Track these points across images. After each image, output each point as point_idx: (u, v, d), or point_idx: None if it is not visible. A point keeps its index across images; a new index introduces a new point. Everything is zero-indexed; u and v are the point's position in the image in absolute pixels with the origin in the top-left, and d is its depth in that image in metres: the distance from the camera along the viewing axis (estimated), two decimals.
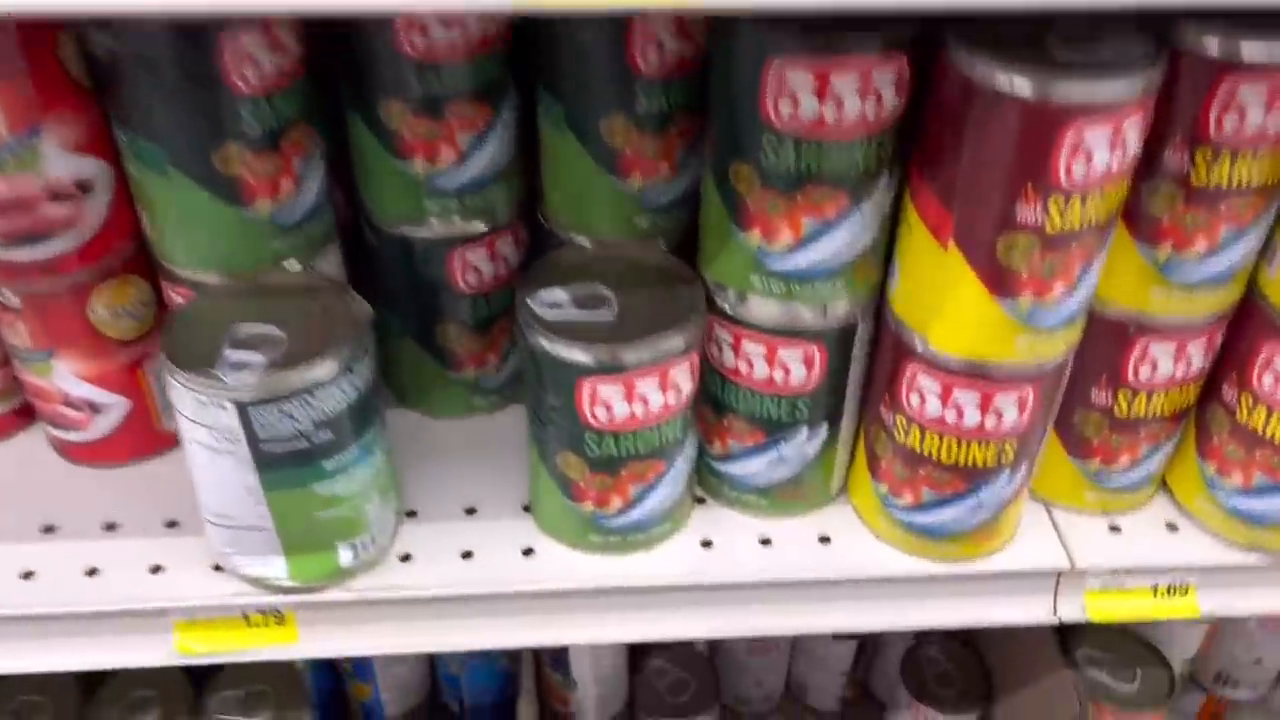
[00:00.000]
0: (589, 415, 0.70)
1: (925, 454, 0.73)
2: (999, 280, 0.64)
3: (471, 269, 0.81)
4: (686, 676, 1.16)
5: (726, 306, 0.72)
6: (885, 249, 0.70)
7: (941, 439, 0.72)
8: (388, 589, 0.77)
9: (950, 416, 0.71)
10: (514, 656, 1.06)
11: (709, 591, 0.79)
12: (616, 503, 0.76)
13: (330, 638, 0.79)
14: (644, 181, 0.75)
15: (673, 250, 0.78)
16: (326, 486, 0.71)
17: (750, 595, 0.80)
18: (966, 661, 1.16)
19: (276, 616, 0.78)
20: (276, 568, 0.75)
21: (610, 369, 0.68)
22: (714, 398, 0.77)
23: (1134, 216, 0.68)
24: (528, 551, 0.80)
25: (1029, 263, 0.63)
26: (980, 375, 0.68)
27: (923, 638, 1.18)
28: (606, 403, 0.70)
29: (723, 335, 0.74)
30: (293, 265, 0.75)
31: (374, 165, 0.77)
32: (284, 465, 0.69)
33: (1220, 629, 1.10)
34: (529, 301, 0.71)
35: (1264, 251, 0.71)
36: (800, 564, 0.79)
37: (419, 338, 0.86)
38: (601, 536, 0.78)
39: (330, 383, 0.67)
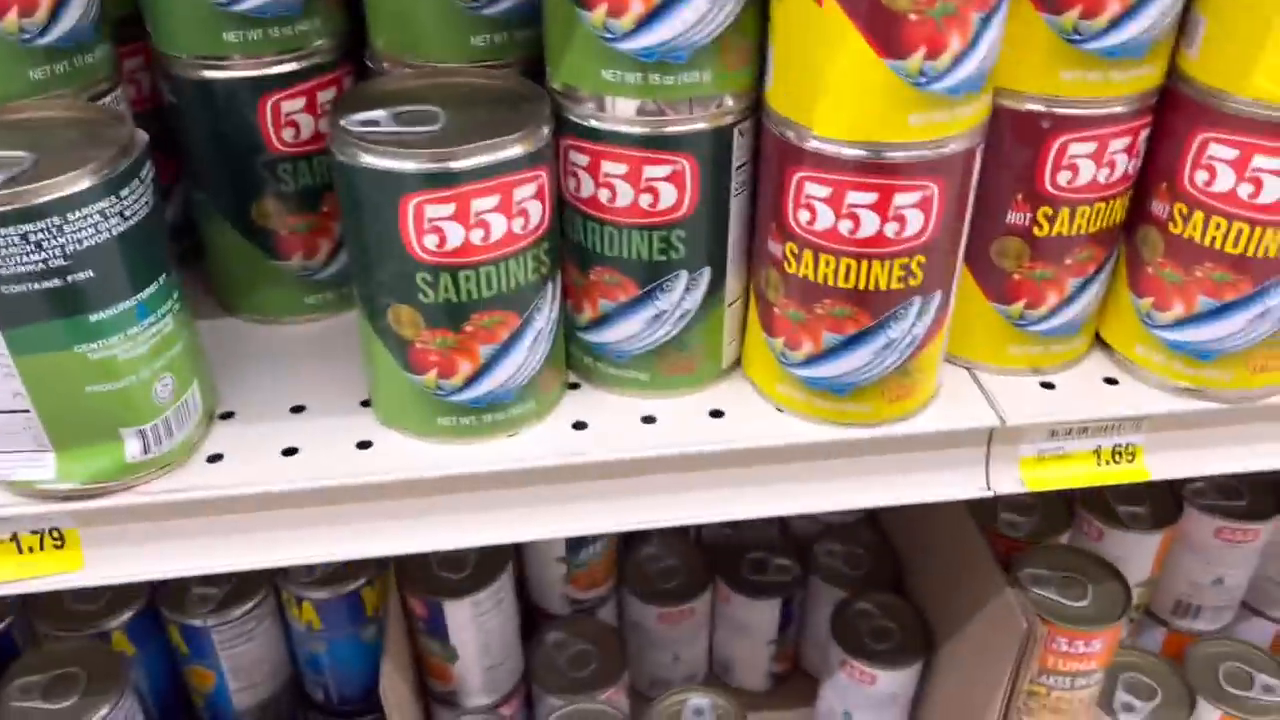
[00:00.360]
0: (417, 245, 0.58)
1: (820, 282, 0.62)
2: (884, 32, 0.54)
3: (287, 122, 0.70)
4: (590, 648, 1.02)
5: (579, 118, 0.61)
6: (757, 40, 0.60)
7: (838, 261, 0.61)
8: (189, 489, 0.63)
9: (845, 227, 0.60)
10: (384, 628, 0.91)
11: (584, 483, 0.67)
12: (464, 368, 0.63)
13: (123, 559, 0.64)
14: None
15: None
16: (96, 349, 0.58)
17: (632, 483, 0.67)
18: (902, 613, 1.04)
19: (53, 536, 0.64)
20: (44, 467, 0.61)
21: (438, 180, 0.57)
22: (577, 247, 0.66)
23: None
24: (364, 445, 0.67)
25: (917, 3, 0.53)
26: (874, 168, 0.58)
27: (853, 593, 1.05)
28: (437, 227, 0.58)
29: (578, 158, 0.63)
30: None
31: None
32: (34, 315, 0.55)
33: (1174, 544, 1.00)
34: (340, 122, 0.59)
35: (1181, 30, 0.63)
36: (690, 439, 0.67)
37: (233, 217, 0.73)
38: (451, 418, 0.65)
39: (85, 203, 0.54)
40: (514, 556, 0.97)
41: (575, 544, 1.00)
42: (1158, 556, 0.98)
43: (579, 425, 0.68)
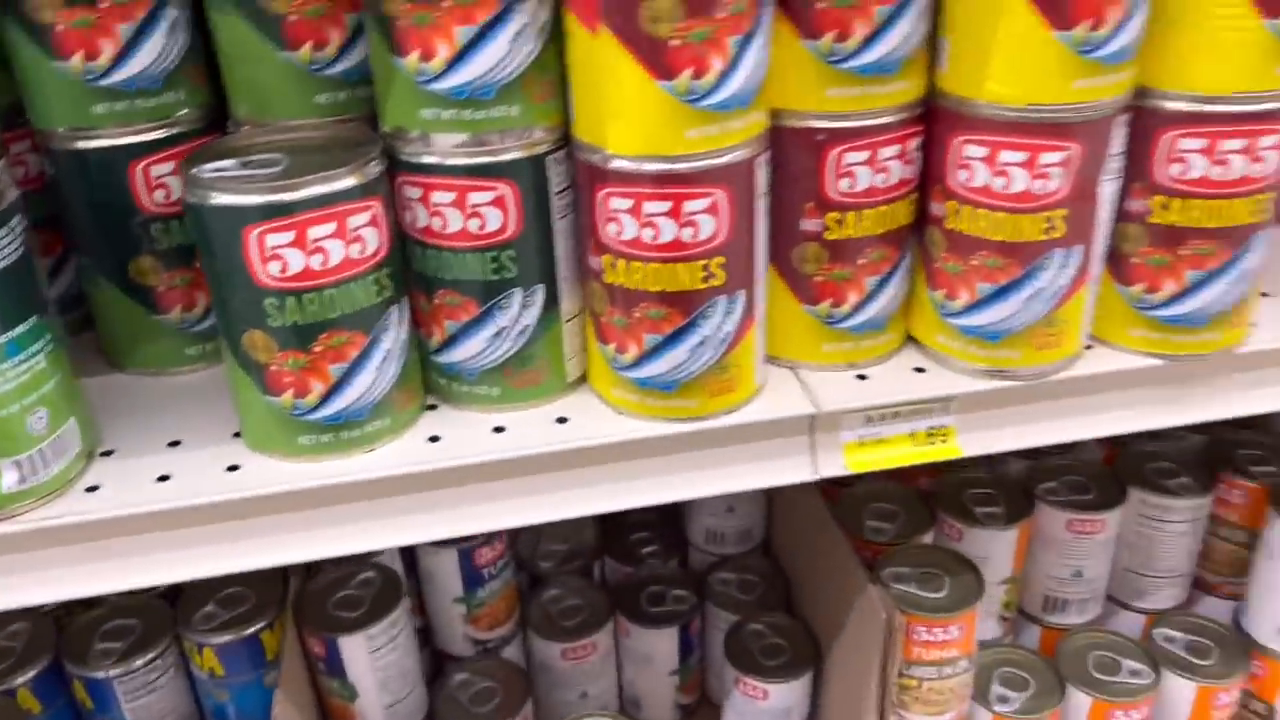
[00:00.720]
0: (262, 272, 0.65)
1: (635, 288, 0.70)
2: (653, 57, 0.63)
3: (158, 185, 0.77)
4: (494, 685, 1.05)
5: (409, 156, 0.69)
6: (559, 75, 0.69)
7: (646, 266, 0.69)
8: (64, 515, 0.68)
9: (647, 235, 0.68)
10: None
11: (437, 490, 0.73)
12: (317, 387, 0.70)
13: (5, 588, 0.69)
14: (314, 52, 0.73)
15: None
16: None
17: (483, 489, 0.73)
18: (790, 630, 1.08)
19: None
20: None
21: (276, 211, 0.64)
22: (420, 275, 0.73)
23: (792, 9, 0.68)
24: (233, 468, 0.72)
25: (676, 30, 0.62)
26: (664, 179, 0.66)
27: (746, 616, 1.10)
28: (279, 254, 0.65)
29: (411, 192, 0.70)
30: None
31: (31, 68, 0.73)
32: None
33: (1032, 541, 1.06)
34: (192, 171, 0.67)
35: (932, 52, 0.72)
36: (535, 441, 0.73)
37: (114, 276, 0.80)
38: (310, 436, 0.71)
39: None
40: (411, 595, 1.01)
41: (470, 583, 1.04)
42: (1017, 553, 1.04)
43: (434, 439, 0.74)
